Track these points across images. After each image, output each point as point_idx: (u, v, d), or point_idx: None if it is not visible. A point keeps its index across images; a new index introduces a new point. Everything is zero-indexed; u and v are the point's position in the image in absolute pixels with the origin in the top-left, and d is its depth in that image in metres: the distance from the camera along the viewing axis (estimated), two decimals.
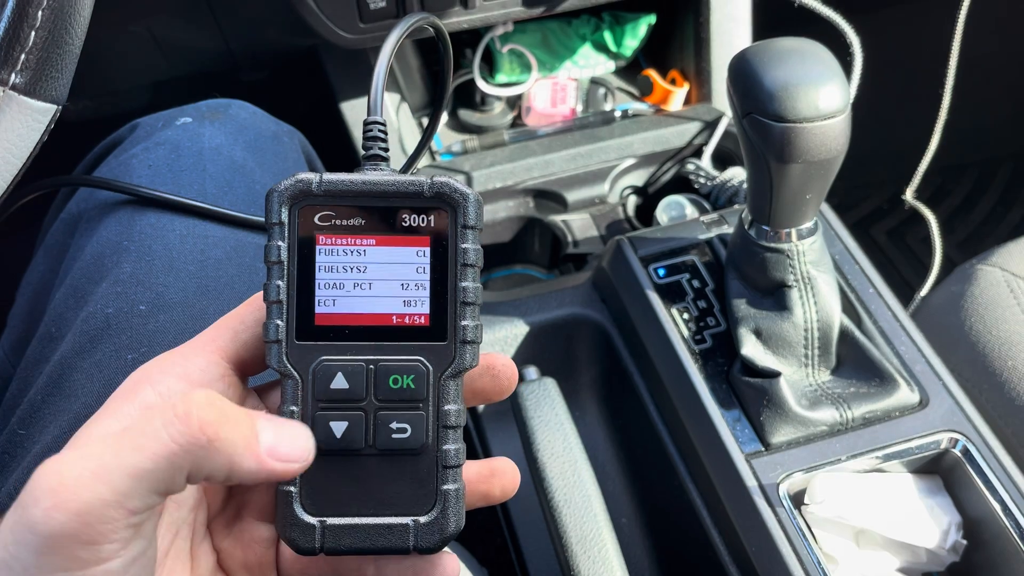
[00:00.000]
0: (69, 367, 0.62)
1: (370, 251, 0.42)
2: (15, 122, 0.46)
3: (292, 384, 0.42)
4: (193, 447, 0.35)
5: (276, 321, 0.42)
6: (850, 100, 0.68)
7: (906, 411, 0.76)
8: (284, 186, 0.42)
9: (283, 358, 0.42)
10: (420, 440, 0.43)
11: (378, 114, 0.45)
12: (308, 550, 0.42)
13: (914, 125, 1.11)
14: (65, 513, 0.33)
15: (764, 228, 0.76)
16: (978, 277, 0.95)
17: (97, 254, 0.68)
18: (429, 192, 0.42)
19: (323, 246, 0.42)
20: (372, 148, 0.45)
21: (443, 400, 0.43)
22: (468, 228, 0.43)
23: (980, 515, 0.73)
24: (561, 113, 1.14)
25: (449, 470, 0.43)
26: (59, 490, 0.33)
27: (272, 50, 1.26)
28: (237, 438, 0.36)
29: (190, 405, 0.36)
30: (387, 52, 0.45)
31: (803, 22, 0.90)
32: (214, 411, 0.36)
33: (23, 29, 0.45)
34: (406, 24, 0.46)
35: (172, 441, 0.35)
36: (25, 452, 0.60)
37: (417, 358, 0.43)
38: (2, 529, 0.34)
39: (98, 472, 0.34)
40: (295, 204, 0.42)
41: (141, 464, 0.34)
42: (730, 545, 0.75)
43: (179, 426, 0.35)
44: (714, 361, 0.81)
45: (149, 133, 0.77)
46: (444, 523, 0.43)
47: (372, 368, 0.42)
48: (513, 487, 0.46)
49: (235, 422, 0.37)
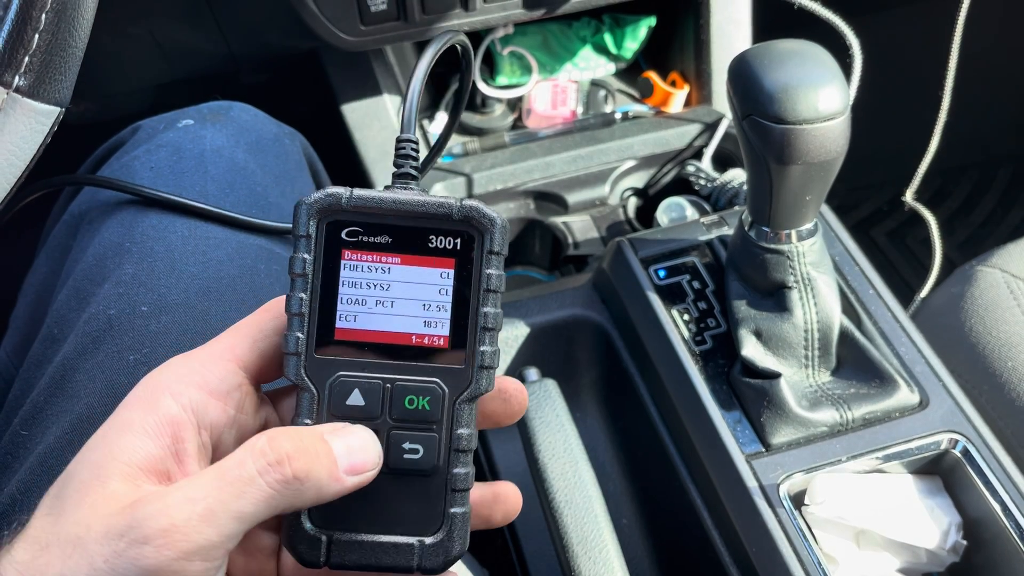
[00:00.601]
0: (71, 368, 0.62)
1: (395, 270, 0.43)
2: (18, 124, 0.47)
3: (308, 397, 0.42)
4: (287, 490, 0.38)
5: (296, 333, 0.42)
6: (850, 102, 0.68)
7: (906, 412, 0.76)
8: (314, 199, 0.42)
9: (301, 371, 0.42)
10: (431, 462, 0.43)
11: (411, 131, 0.45)
12: (313, 563, 0.42)
13: (914, 127, 1.11)
14: (175, 552, 0.36)
15: (764, 229, 0.76)
16: (978, 278, 0.95)
17: (99, 255, 0.68)
18: (458, 215, 0.42)
19: (348, 261, 0.42)
20: (404, 166, 0.45)
21: (456, 424, 0.43)
22: (493, 254, 0.43)
23: (980, 515, 0.73)
24: (561, 115, 1.14)
25: (458, 493, 0.43)
26: (171, 531, 0.36)
27: (273, 52, 1.27)
28: (323, 472, 0.39)
29: (280, 451, 0.38)
30: (421, 72, 0.44)
31: (803, 24, 0.90)
32: (301, 452, 0.38)
33: (26, 32, 0.45)
34: (440, 43, 0.46)
35: (269, 487, 0.37)
36: (28, 453, 0.60)
37: (434, 380, 0.43)
38: (88, 555, 0.36)
39: (206, 516, 0.36)
40: (323, 218, 0.42)
41: (245, 509, 0.37)
42: (731, 546, 0.76)
43: (274, 474, 0.38)
44: (714, 362, 0.81)
45: (151, 135, 0.78)
46: (449, 545, 0.43)
47: (389, 387, 0.42)
48: (515, 512, 0.47)
49: (317, 456, 0.39)
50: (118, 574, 0.36)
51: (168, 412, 0.40)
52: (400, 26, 0.92)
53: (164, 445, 0.39)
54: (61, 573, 0.36)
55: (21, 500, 0.57)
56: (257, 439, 0.39)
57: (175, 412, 0.40)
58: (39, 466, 0.58)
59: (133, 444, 0.39)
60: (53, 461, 0.57)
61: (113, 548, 0.36)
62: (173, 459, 0.39)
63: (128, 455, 0.39)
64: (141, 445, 0.39)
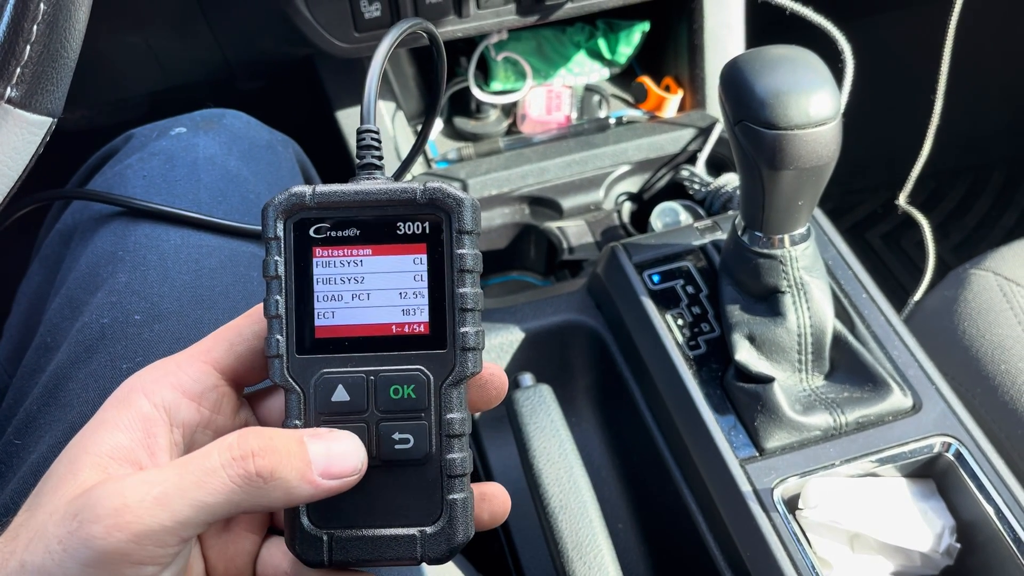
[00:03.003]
0: (64, 377, 0.62)
1: (367, 261, 0.42)
2: (11, 135, 0.47)
3: (295, 398, 0.42)
4: (251, 487, 0.37)
5: (276, 336, 0.42)
6: (841, 107, 0.68)
7: (899, 415, 0.77)
8: (278, 200, 0.42)
9: (285, 373, 0.42)
10: (423, 450, 0.42)
11: (371, 122, 0.45)
12: (316, 563, 0.42)
13: (907, 130, 1.12)
14: (125, 533, 0.35)
15: (757, 234, 0.76)
16: (971, 281, 0.95)
17: (92, 264, 0.68)
18: (422, 199, 0.42)
19: (319, 259, 0.42)
20: (365, 157, 0.45)
21: (445, 409, 0.42)
22: (464, 233, 0.42)
23: (973, 519, 0.73)
24: (556, 120, 1.14)
25: (455, 479, 0.43)
26: (122, 511, 0.35)
27: (267, 60, 1.27)
28: (291, 474, 0.38)
29: (246, 448, 0.37)
30: (379, 59, 0.44)
31: (795, 29, 0.91)
32: (269, 450, 0.38)
33: (18, 43, 0.46)
34: (398, 30, 0.46)
35: (231, 481, 0.37)
36: (21, 462, 0.60)
37: (417, 367, 0.42)
38: (45, 538, 0.36)
39: (160, 499, 0.36)
40: (290, 218, 0.42)
41: (203, 499, 0.36)
42: (725, 550, 0.76)
43: (237, 468, 0.37)
44: (708, 367, 0.81)
45: (144, 143, 0.78)
46: (452, 533, 0.42)
47: (372, 379, 0.42)
48: (503, 513, 0.46)
49: (288, 456, 0.38)
50: (70, 555, 0.35)
51: (141, 410, 0.40)
52: None
53: (136, 439, 0.40)
54: (22, 560, 0.36)
55: (15, 509, 0.56)
56: (229, 436, 0.39)
57: (147, 410, 0.40)
58: (32, 475, 0.58)
59: (104, 437, 0.40)
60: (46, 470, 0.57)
61: (67, 528, 0.36)
62: (144, 450, 0.40)
63: (99, 447, 0.39)
64: (111, 437, 0.39)
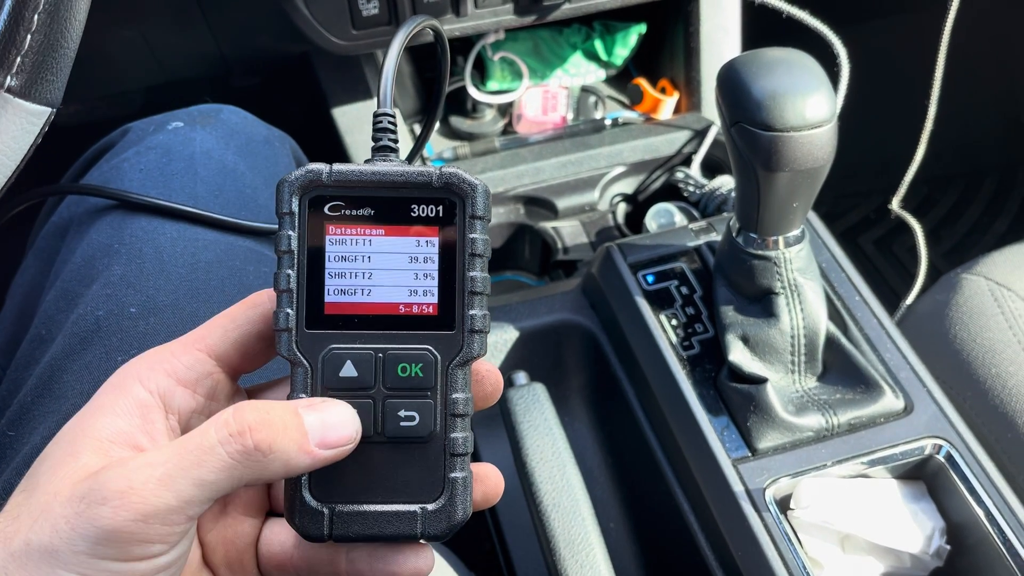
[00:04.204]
0: (59, 369, 0.62)
1: (379, 241, 0.43)
2: (10, 124, 0.47)
3: (302, 372, 0.43)
4: (249, 460, 0.38)
5: (286, 310, 0.42)
6: (837, 110, 0.69)
7: (891, 417, 0.77)
8: (295, 176, 0.42)
9: (293, 346, 0.43)
10: (428, 428, 0.43)
11: (387, 106, 0.45)
12: (317, 537, 0.43)
13: (901, 136, 1.12)
14: (132, 513, 0.36)
15: (752, 236, 0.77)
16: (963, 286, 0.96)
17: (88, 257, 0.68)
18: (438, 183, 0.43)
19: (333, 236, 0.43)
20: (382, 139, 0.45)
21: (451, 389, 0.43)
22: (476, 218, 0.43)
23: (963, 520, 0.74)
24: (552, 121, 1.15)
25: (457, 458, 0.43)
26: (128, 493, 0.36)
27: (264, 56, 1.27)
28: (289, 445, 0.39)
29: (243, 423, 0.38)
30: (396, 47, 0.45)
31: (791, 33, 0.91)
32: (265, 424, 0.38)
33: (19, 32, 0.46)
34: (413, 23, 0.47)
35: (229, 457, 0.37)
36: (14, 454, 0.60)
37: (425, 347, 0.43)
38: (52, 517, 0.37)
39: (164, 479, 0.37)
40: (305, 194, 0.43)
41: (204, 476, 0.37)
42: (717, 550, 0.76)
43: (235, 444, 0.37)
44: (702, 367, 0.82)
45: (140, 137, 0.78)
46: (452, 511, 0.43)
47: (381, 356, 0.43)
48: (496, 494, 0.46)
49: (284, 428, 0.39)
50: (78, 535, 0.36)
51: (137, 396, 0.41)
52: (391, 30, 0.92)
53: (134, 424, 0.40)
54: (27, 538, 0.37)
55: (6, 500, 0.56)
56: (225, 411, 0.39)
57: (143, 396, 0.41)
58: (25, 466, 0.57)
59: (103, 422, 0.40)
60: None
61: (75, 509, 0.36)
62: (143, 434, 0.40)
63: (99, 431, 0.40)
64: (111, 422, 0.40)
